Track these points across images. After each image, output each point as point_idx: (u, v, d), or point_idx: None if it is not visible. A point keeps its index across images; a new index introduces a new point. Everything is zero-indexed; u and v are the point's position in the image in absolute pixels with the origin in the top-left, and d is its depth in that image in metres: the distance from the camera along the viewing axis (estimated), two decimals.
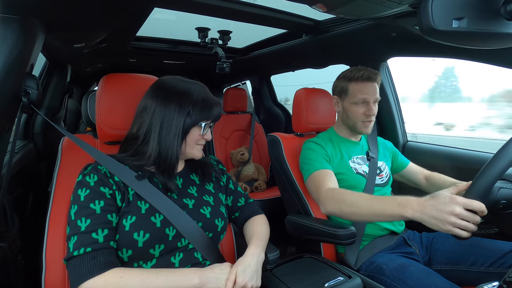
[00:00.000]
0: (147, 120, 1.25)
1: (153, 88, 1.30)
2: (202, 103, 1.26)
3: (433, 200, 1.25)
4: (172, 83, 1.29)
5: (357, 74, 1.87)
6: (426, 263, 1.76)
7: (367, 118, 1.88)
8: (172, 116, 1.23)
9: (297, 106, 2.16)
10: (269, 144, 2.17)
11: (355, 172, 1.88)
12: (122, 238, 1.15)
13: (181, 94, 1.25)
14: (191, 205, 1.32)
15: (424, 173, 2.07)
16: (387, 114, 2.63)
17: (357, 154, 1.97)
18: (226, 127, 3.84)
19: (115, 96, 1.42)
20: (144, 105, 1.27)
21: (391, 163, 2.12)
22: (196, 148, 1.34)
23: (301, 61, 3.38)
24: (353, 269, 1.70)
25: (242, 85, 4.86)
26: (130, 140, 1.30)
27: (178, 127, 1.23)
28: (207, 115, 1.28)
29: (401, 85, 2.62)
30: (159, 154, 1.24)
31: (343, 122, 2.00)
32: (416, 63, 2.30)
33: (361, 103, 1.87)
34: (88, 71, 3.80)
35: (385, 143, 2.18)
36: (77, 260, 1.07)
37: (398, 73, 2.60)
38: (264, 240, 1.41)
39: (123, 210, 1.18)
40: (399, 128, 2.63)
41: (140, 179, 1.23)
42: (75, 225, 1.11)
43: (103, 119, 1.41)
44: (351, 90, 1.89)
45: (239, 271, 1.19)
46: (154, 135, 1.24)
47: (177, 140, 1.24)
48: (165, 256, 1.22)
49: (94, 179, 1.18)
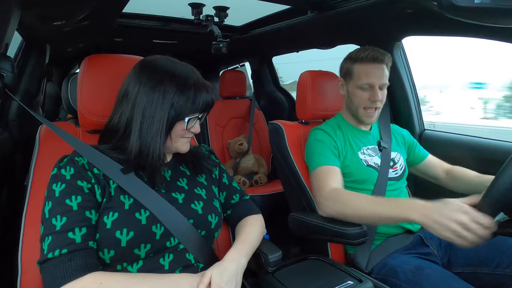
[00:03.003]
0: (128, 109, 1.23)
1: (136, 69, 1.27)
2: (187, 91, 1.22)
3: (441, 205, 1.29)
4: (159, 64, 1.26)
5: (363, 54, 1.85)
6: (445, 265, 1.75)
7: (371, 104, 1.86)
8: (155, 107, 1.20)
9: (302, 90, 2.14)
10: (270, 133, 2.16)
11: (365, 164, 1.87)
12: (103, 237, 1.13)
13: (167, 79, 1.21)
14: (181, 200, 1.31)
15: (444, 166, 2.06)
16: (402, 100, 2.61)
17: (367, 144, 1.96)
18: (223, 114, 3.83)
19: (99, 80, 1.41)
20: (126, 90, 1.25)
21: (407, 154, 2.11)
22: (181, 141, 1.31)
23: (306, 40, 3.36)
24: (364, 272, 1.69)
25: (240, 68, 4.85)
26: (110, 132, 1.28)
27: (161, 122, 1.21)
28: (192, 107, 1.24)
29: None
30: (139, 151, 1.21)
31: (347, 108, 1.99)
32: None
33: (366, 87, 1.86)
34: (69, 51, 3.77)
35: (401, 132, 2.16)
36: (51, 263, 1.05)
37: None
38: (250, 245, 1.36)
39: (104, 206, 1.16)
40: (415, 115, 2.61)
41: (126, 173, 1.21)
42: (49, 224, 1.09)
43: (86, 105, 1.40)
44: (356, 72, 1.88)
45: (215, 274, 1.15)
46: (135, 129, 1.21)
47: (160, 136, 1.21)
48: (153, 257, 1.21)
49: (70, 172, 1.16)
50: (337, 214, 1.60)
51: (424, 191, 2.31)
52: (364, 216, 1.52)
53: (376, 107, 1.88)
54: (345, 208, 1.57)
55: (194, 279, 1.14)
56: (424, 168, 2.11)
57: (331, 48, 3.24)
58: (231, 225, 1.55)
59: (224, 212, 1.53)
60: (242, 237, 1.38)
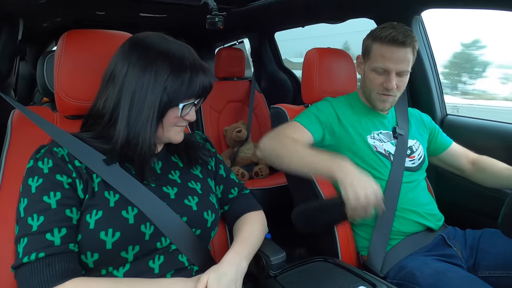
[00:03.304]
0: (114, 93, 1.21)
1: (125, 47, 1.24)
2: (182, 73, 1.20)
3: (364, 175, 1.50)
4: (151, 42, 1.23)
5: (383, 33, 1.81)
6: (470, 268, 1.75)
7: (385, 91, 1.85)
8: (146, 91, 1.18)
9: (308, 70, 2.13)
10: (272, 118, 2.15)
11: (374, 149, 1.86)
12: (85, 239, 1.12)
13: (159, 60, 1.19)
14: (173, 195, 1.30)
15: (470, 156, 2.05)
16: (421, 81, 2.59)
17: (380, 129, 1.95)
18: (219, 97, 3.82)
19: (79, 58, 1.40)
20: (112, 71, 1.23)
21: (428, 143, 2.09)
22: (174, 130, 1.30)
23: (312, 14, 3.34)
24: (379, 275, 1.69)
25: (238, 45, 4.83)
26: (94, 119, 1.26)
27: (152, 108, 1.18)
28: (188, 92, 1.21)
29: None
30: (127, 141, 1.19)
31: (362, 89, 1.99)
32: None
33: (381, 71, 1.84)
34: (45, 27, 3.77)
35: (421, 117, 2.15)
36: (27, 269, 1.04)
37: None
38: (251, 245, 1.36)
39: (86, 203, 1.15)
40: (436, 98, 2.59)
41: (110, 164, 1.20)
42: (25, 223, 1.08)
43: (64, 88, 1.38)
44: (374, 52, 1.86)
45: (211, 280, 1.14)
46: (122, 115, 1.19)
47: (151, 124, 1.19)
48: (142, 259, 1.20)
49: (48, 164, 1.14)
50: (269, 152, 1.78)
51: (447, 184, 2.30)
52: (294, 160, 1.68)
53: (390, 95, 1.86)
54: (280, 147, 1.74)
55: (187, 284, 1.14)
56: (447, 158, 2.10)
57: (341, 23, 3.22)
58: (229, 222, 1.55)
59: (221, 208, 1.52)
60: (242, 237, 1.37)
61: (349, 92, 2.14)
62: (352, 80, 2.16)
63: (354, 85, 2.16)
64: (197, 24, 3.25)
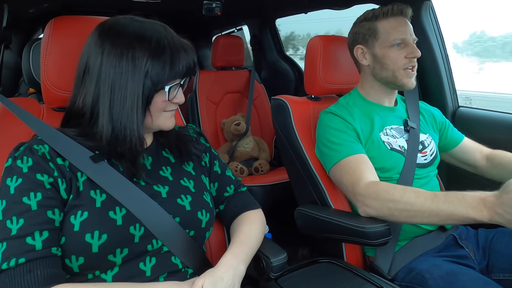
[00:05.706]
0: (92, 87, 1.19)
1: (94, 36, 1.22)
2: (163, 54, 1.18)
3: (506, 194, 1.28)
4: (123, 26, 1.21)
5: (385, 8, 1.84)
6: (483, 270, 1.74)
7: (410, 63, 1.84)
8: (126, 78, 1.16)
9: (312, 59, 2.12)
10: (273, 110, 2.14)
11: (388, 148, 1.85)
12: (69, 242, 1.11)
13: (135, 43, 1.17)
14: (164, 194, 1.29)
15: (483, 151, 2.04)
16: (432, 71, 2.57)
17: (391, 124, 1.94)
18: (216, 87, 3.82)
19: (68, 46, 1.40)
20: (86, 64, 1.21)
21: (439, 138, 2.09)
22: (164, 116, 1.28)
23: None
24: (386, 278, 1.67)
25: (237, 32, 4.85)
26: (75, 117, 1.25)
27: (135, 95, 1.17)
28: (172, 73, 1.20)
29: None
30: (113, 136, 1.18)
31: (376, 78, 1.94)
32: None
33: (400, 43, 1.84)
34: (31, 12, 3.75)
35: (431, 111, 2.14)
36: (6, 275, 1.03)
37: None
38: (249, 247, 1.36)
39: (70, 203, 1.14)
40: (448, 89, 2.57)
41: (98, 161, 1.18)
42: (3, 227, 1.07)
43: (51, 77, 1.39)
44: (383, 29, 1.85)
45: (207, 285, 1.13)
46: (104, 110, 1.18)
47: (137, 113, 1.18)
48: (131, 262, 1.19)
49: (28, 163, 1.12)
50: (381, 214, 1.56)
51: (458, 181, 2.30)
52: (418, 216, 1.49)
53: (413, 65, 1.86)
54: (393, 206, 1.53)
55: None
56: (459, 154, 2.09)
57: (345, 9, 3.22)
58: (225, 223, 1.55)
59: (216, 208, 1.52)
60: (239, 238, 1.37)
61: (355, 83, 2.12)
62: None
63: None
64: (193, 10, 3.24)
